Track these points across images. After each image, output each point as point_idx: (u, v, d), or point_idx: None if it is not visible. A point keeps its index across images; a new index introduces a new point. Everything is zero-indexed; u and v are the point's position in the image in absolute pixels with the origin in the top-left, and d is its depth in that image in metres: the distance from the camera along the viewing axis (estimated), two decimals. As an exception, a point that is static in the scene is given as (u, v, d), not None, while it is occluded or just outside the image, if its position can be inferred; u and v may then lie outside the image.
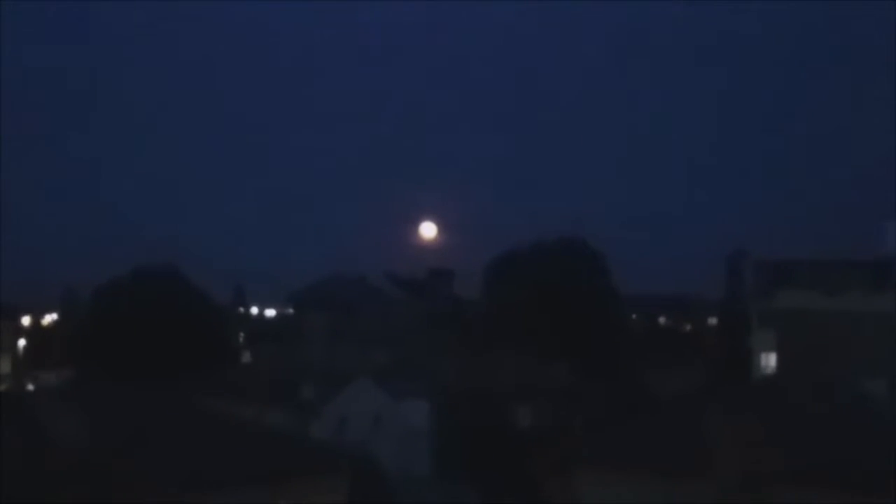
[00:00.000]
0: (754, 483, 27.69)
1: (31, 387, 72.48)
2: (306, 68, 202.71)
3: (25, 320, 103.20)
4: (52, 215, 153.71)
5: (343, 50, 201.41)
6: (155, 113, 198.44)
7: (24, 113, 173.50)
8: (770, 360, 57.18)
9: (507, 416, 50.61)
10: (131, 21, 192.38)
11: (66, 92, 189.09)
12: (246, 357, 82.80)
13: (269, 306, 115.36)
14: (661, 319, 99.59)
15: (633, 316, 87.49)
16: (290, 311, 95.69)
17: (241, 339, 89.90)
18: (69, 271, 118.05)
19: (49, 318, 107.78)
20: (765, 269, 63.22)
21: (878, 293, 54.82)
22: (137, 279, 68.32)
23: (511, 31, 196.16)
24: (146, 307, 64.05)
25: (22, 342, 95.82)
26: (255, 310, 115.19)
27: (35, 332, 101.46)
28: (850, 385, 36.01)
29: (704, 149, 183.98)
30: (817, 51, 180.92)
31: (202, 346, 64.05)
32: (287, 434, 39.25)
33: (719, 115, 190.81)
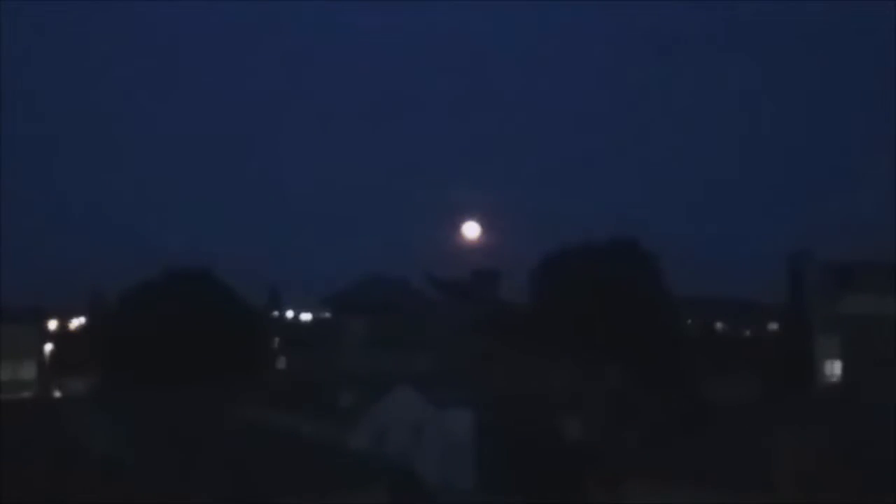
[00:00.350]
0: (818, 498, 27.56)
1: (57, 394, 73.31)
2: (348, 63, 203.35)
3: (51, 324, 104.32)
4: (81, 217, 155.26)
5: (382, 47, 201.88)
6: (185, 114, 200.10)
7: (54, 115, 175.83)
8: (835, 369, 56.74)
9: (555, 426, 50.55)
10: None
11: (95, 94, 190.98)
12: (281, 363, 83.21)
13: (306, 310, 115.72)
14: (718, 325, 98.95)
15: (688, 321, 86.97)
16: (327, 314, 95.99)
17: (276, 345, 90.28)
18: (97, 274, 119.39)
19: (76, 322, 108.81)
20: (830, 272, 62.75)
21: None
22: (168, 282, 68.87)
23: (556, 25, 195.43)
24: (177, 311, 64.48)
25: (48, 347, 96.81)
26: (290, 313, 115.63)
27: (61, 336, 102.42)
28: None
29: (765, 142, 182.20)
30: (881, 48, 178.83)
31: (235, 352, 64.39)
32: (324, 444, 39.49)
33: (783, 107, 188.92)
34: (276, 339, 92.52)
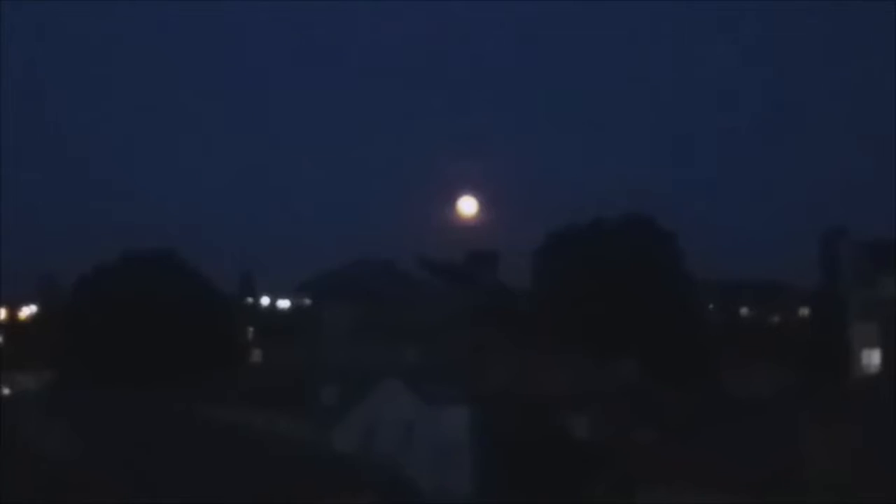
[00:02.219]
0: (852, 499, 27.72)
1: (6, 390, 73.35)
2: (329, 28, 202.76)
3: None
4: (31, 195, 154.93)
5: (370, 15, 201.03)
6: (148, 81, 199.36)
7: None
8: (872, 358, 56.94)
9: (561, 424, 50.72)
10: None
11: (55, 61, 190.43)
12: (256, 356, 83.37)
13: (283, 296, 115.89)
14: (744, 310, 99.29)
15: (710, 306, 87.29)
16: (307, 301, 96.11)
17: (249, 335, 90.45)
18: (50, 257, 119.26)
19: (27, 311, 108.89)
20: (867, 251, 62.87)
21: None
22: (128, 266, 68.85)
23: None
24: (139, 298, 64.54)
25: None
26: (266, 300, 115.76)
27: (10, 327, 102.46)
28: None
29: (795, 109, 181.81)
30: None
31: (204, 344, 64.51)
32: (304, 446, 39.60)
33: (813, 72, 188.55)
34: (250, 330, 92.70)
